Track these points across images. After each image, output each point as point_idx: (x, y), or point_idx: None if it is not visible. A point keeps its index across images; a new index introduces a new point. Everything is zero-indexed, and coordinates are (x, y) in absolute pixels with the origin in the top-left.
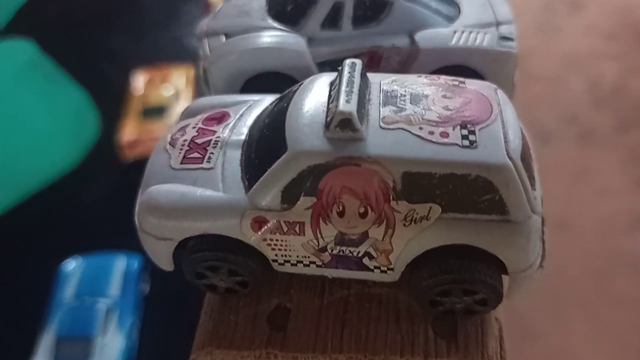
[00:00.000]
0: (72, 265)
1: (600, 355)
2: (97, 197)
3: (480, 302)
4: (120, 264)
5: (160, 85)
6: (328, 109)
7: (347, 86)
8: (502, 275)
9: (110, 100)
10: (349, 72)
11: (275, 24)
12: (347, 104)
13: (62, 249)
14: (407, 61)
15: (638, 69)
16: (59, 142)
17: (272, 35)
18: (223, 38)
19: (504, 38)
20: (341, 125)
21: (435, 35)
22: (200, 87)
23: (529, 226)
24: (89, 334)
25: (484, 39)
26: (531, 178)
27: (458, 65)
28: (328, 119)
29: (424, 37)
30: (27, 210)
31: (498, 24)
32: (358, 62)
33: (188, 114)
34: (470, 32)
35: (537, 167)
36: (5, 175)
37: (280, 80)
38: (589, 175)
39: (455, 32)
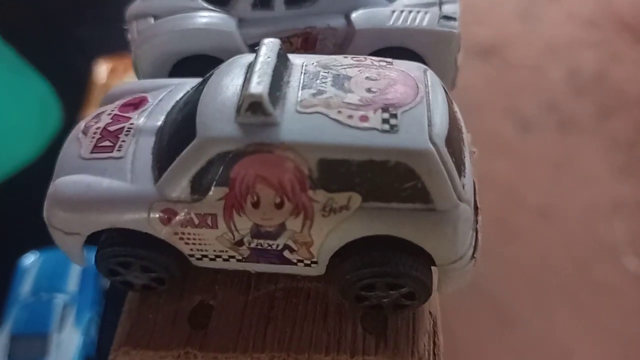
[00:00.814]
0: (30, 260)
1: (581, 341)
2: None
3: (408, 296)
4: None
5: (123, 75)
6: (241, 91)
7: (261, 67)
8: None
9: (73, 90)
10: (265, 53)
11: (205, 4)
12: (257, 86)
13: (21, 243)
14: (343, 43)
15: (618, 57)
16: (21, 134)
17: (201, 16)
18: (151, 20)
19: (446, 17)
20: (252, 109)
21: (372, 15)
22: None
23: (456, 215)
24: (44, 331)
25: (424, 19)
26: (460, 164)
27: (397, 48)
28: (239, 102)
29: (360, 17)
30: None
31: (441, 2)
32: (275, 42)
33: (107, 100)
34: (410, 12)
35: (469, 152)
36: None
37: (209, 64)
38: (570, 163)
39: (394, 11)
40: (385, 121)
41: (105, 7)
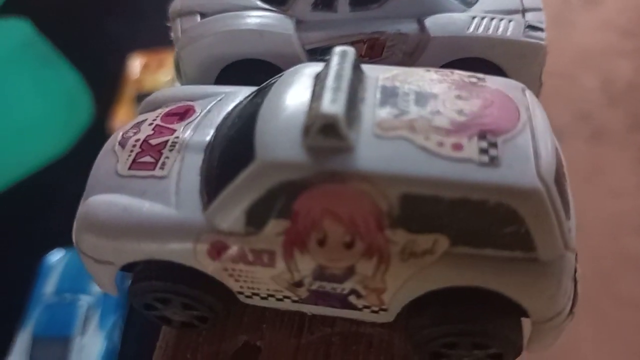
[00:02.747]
0: (55, 258)
1: (605, 356)
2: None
3: (494, 357)
4: None
5: (156, 71)
6: (310, 109)
7: (335, 81)
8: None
9: (105, 85)
10: (339, 63)
11: (259, 3)
12: (332, 105)
13: (47, 239)
14: (415, 52)
15: None
16: (50, 127)
17: (254, 16)
18: (198, 18)
19: (532, 27)
20: (324, 131)
21: (450, 21)
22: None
23: (561, 266)
24: (67, 334)
25: (508, 28)
26: (565, 204)
27: (476, 59)
28: (308, 122)
29: (435, 23)
30: (13, 198)
31: (524, 10)
32: (350, 51)
33: (147, 107)
34: (492, 19)
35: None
36: None
37: (262, 70)
38: (600, 174)
39: (473, 18)
40: (483, 151)
41: (140, 2)
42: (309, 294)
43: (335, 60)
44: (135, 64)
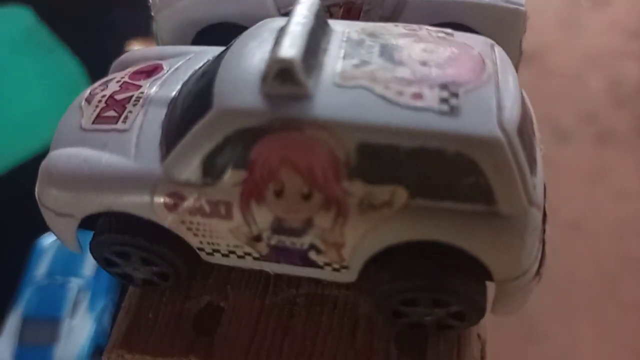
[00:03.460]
0: (48, 241)
1: (606, 358)
2: None
3: (456, 316)
4: None
5: None
6: (269, 57)
7: (295, 28)
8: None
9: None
10: (301, 12)
11: None
12: (289, 50)
13: (41, 223)
14: (392, 16)
15: None
16: (50, 114)
17: None
18: None
19: None
20: (281, 77)
21: None
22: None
23: (524, 222)
24: (56, 316)
25: None
26: (531, 160)
27: (454, 25)
28: (266, 69)
29: None
30: (10, 182)
31: None
32: (314, 1)
33: (119, 66)
34: None
35: (540, 149)
36: None
37: (237, 34)
38: (605, 176)
39: None
40: (443, 101)
41: None
42: (269, 250)
43: (298, 9)
44: (135, 48)
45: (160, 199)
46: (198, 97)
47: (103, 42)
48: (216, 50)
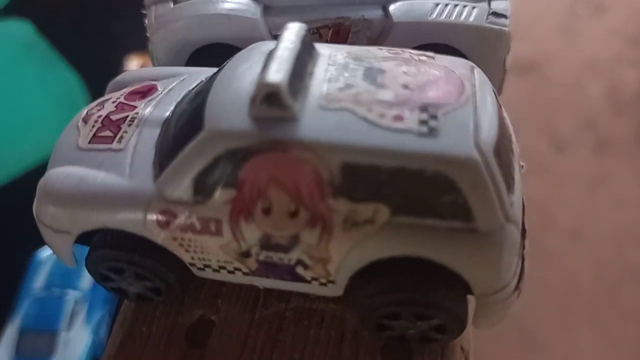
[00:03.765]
0: (45, 253)
1: None
2: None
3: (438, 329)
4: None
5: None
6: (257, 81)
7: (282, 53)
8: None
9: (103, 85)
10: (288, 38)
11: None
12: (275, 74)
13: (38, 236)
14: (379, 37)
15: None
16: (49, 125)
17: (223, 1)
18: (171, 4)
19: (496, 14)
20: (268, 101)
21: (413, 7)
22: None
23: (502, 238)
24: (53, 328)
25: (472, 14)
26: (508, 178)
27: (439, 45)
28: (254, 92)
29: (399, 9)
30: (8, 193)
31: None
32: (301, 26)
33: (115, 86)
34: (456, 6)
35: (518, 166)
36: None
37: (230, 55)
38: (605, 184)
39: (437, 4)
40: (423, 122)
41: (138, 3)
42: (258, 265)
43: (285, 34)
44: (133, 64)
45: (153, 217)
46: (190, 119)
47: (102, 55)
48: (209, 71)
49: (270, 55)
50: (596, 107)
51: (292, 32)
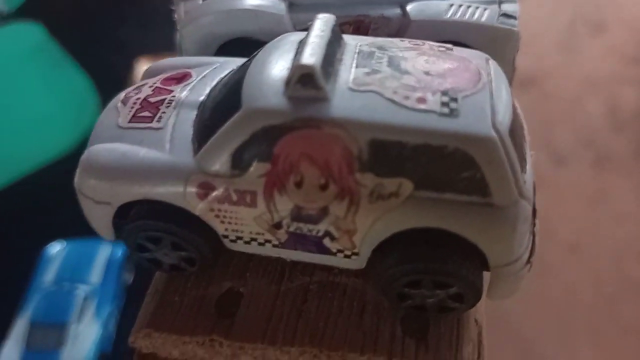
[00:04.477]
0: (55, 249)
1: None
2: None
3: (455, 298)
4: (104, 252)
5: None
6: (291, 64)
7: (314, 39)
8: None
9: (113, 88)
10: (319, 27)
11: None
12: (310, 57)
13: (48, 232)
14: (397, 34)
15: None
16: (58, 127)
17: None
18: (199, 0)
19: (506, 15)
20: (302, 82)
21: (429, 6)
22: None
23: (515, 212)
24: (63, 321)
25: (484, 15)
26: (522, 159)
27: (453, 42)
28: (289, 74)
29: (416, 8)
30: (19, 190)
31: (500, 1)
32: (330, 17)
33: (149, 73)
34: (469, 7)
35: (530, 150)
36: (1, 155)
37: (256, 49)
38: (604, 199)
39: (452, 5)
40: (444, 104)
41: (148, 9)
42: (287, 237)
43: (317, 24)
44: (143, 68)
45: (192, 189)
46: (227, 100)
47: (112, 58)
48: (238, 61)
49: (301, 43)
50: (595, 123)
51: (323, 22)
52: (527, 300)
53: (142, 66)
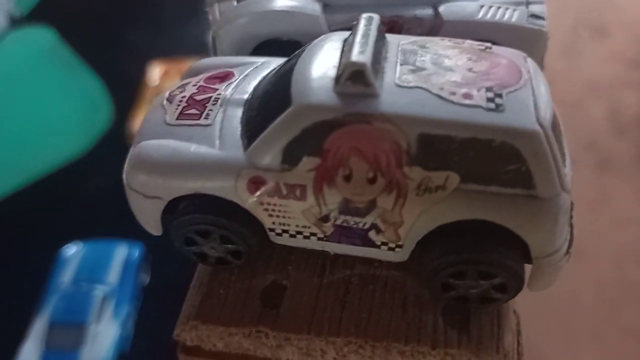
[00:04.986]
0: (72, 250)
1: None
2: (104, 184)
3: (499, 288)
4: (121, 252)
5: (176, 78)
6: (340, 62)
7: (362, 38)
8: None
9: (125, 91)
10: (365, 25)
11: None
12: (360, 55)
13: (65, 233)
14: (430, 34)
15: None
16: (71, 129)
17: None
18: (234, 2)
19: (534, 16)
20: (352, 78)
21: (461, 7)
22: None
23: (558, 204)
24: (82, 321)
25: (514, 15)
26: (562, 152)
27: (484, 41)
28: (339, 72)
29: (448, 9)
30: (34, 193)
31: (528, 2)
32: (375, 17)
33: (190, 73)
34: (499, 8)
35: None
36: (15, 157)
37: (291, 49)
38: (606, 203)
39: (482, 6)
40: (490, 100)
41: (159, 12)
42: (333, 229)
43: (362, 22)
44: (155, 72)
45: (243, 183)
46: (275, 97)
47: (124, 61)
48: (278, 60)
49: (346, 42)
50: (597, 127)
51: (368, 20)
52: (529, 303)
53: (155, 70)
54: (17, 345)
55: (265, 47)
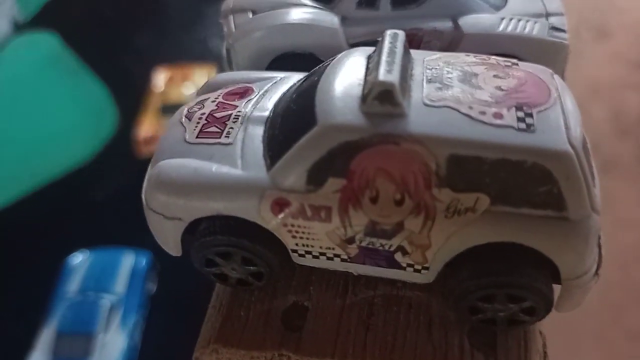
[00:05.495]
0: (79, 259)
1: None
2: (110, 191)
3: (527, 311)
4: (128, 261)
5: (181, 84)
6: (365, 81)
7: (389, 56)
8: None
9: (130, 96)
10: (391, 42)
11: (307, 1)
12: (388, 74)
13: (70, 241)
14: (449, 47)
15: None
16: (76, 136)
17: (303, 12)
18: (250, 14)
19: (555, 29)
20: (380, 98)
21: (481, 20)
22: (223, 69)
23: (589, 226)
24: (90, 331)
25: (534, 28)
26: (591, 172)
27: (505, 55)
28: (365, 91)
29: (468, 22)
30: (39, 200)
31: (548, 15)
32: (401, 33)
33: (208, 88)
34: (519, 20)
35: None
36: (21, 165)
37: (308, 62)
38: (609, 205)
39: (502, 19)
40: (520, 120)
41: (164, 18)
42: (358, 251)
43: (387, 39)
44: (160, 77)
45: (267, 204)
46: (299, 116)
47: (128, 67)
48: (297, 75)
49: (370, 59)
50: (600, 128)
51: (394, 37)
52: None
53: (160, 76)
54: (25, 355)
55: (281, 60)
